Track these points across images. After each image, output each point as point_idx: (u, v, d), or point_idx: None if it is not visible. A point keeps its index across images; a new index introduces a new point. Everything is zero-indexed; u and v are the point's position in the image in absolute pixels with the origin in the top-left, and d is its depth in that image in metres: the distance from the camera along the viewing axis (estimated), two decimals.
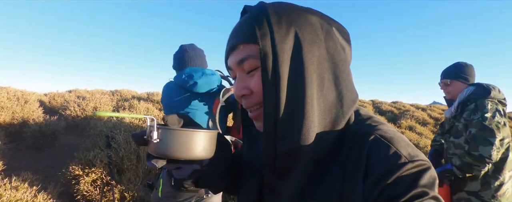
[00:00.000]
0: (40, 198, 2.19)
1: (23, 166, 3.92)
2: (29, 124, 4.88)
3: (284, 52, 0.43)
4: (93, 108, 6.23)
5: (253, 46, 0.45)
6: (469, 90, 1.75)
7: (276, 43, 0.43)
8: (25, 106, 5.61)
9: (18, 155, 4.43)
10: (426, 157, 0.42)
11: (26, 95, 6.33)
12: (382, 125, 0.47)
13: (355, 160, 0.42)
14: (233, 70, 0.51)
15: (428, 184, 0.38)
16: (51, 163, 4.29)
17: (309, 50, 0.44)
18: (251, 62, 0.47)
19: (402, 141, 0.43)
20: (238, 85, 0.50)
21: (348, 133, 0.46)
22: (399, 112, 11.36)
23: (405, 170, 0.39)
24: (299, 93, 0.43)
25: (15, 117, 5.19)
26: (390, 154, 0.40)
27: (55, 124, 5.09)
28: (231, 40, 0.49)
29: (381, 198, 0.38)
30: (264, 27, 0.44)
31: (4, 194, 2.05)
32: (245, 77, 0.49)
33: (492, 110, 1.63)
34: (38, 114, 5.61)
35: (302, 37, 0.44)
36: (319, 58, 0.44)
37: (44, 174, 3.56)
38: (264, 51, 0.43)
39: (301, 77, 0.43)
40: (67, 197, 2.88)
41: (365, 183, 0.40)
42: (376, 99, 15.60)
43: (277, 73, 0.43)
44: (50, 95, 8.38)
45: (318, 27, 0.46)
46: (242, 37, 0.47)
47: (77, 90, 9.80)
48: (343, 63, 0.47)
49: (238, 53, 0.48)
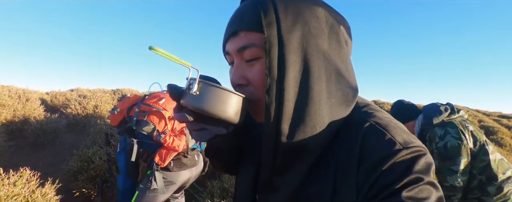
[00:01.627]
0: (37, 193, 2.19)
1: (24, 163, 3.93)
2: (30, 122, 4.91)
3: (291, 43, 0.41)
4: (93, 106, 6.25)
5: (256, 35, 0.43)
6: (419, 121, 1.76)
7: (283, 33, 0.41)
8: (27, 104, 5.64)
9: (19, 153, 4.45)
10: (421, 143, 0.41)
11: (27, 94, 6.37)
12: (378, 112, 0.46)
13: (349, 147, 0.41)
14: (230, 55, 0.49)
15: (423, 169, 0.37)
16: (51, 160, 4.31)
17: (315, 42, 0.43)
18: (252, 51, 0.45)
19: (398, 127, 0.42)
20: (236, 74, 0.47)
21: (345, 120, 0.45)
22: None
23: (399, 157, 0.38)
24: (307, 87, 0.42)
25: (16, 114, 5.21)
26: (384, 141, 0.39)
27: (56, 122, 5.11)
28: (233, 26, 0.46)
29: (376, 186, 0.37)
30: (270, 15, 0.42)
31: (1, 189, 2.06)
32: (244, 66, 0.47)
33: (443, 136, 1.61)
34: (40, 112, 5.63)
35: (309, 29, 0.42)
36: (324, 51, 0.43)
37: (44, 170, 3.57)
38: (269, 41, 0.41)
39: (308, 71, 0.42)
40: (65, 193, 2.88)
41: (359, 170, 0.39)
42: (378, 99, 15.54)
43: (283, 64, 0.41)
44: (52, 94, 8.42)
45: (323, 20, 0.44)
46: (245, 24, 0.44)
47: (79, 89, 9.84)
48: (346, 58, 0.46)
49: (239, 40, 0.45)
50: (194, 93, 0.44)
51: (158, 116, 1.83)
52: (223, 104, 0.44)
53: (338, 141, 0.44)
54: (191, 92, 0.44)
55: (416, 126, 1.77)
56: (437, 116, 1.67)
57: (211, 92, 0.44)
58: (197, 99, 0.44)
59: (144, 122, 1.81)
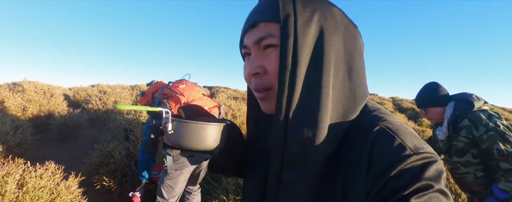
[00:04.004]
0: (62, 186, 2.30)
1: (49, 156, 4.14)
2: (55, 117, 5.14)
3: (306, 36, 0.43)
4: (113, 101, 6.46)
5: (275, 25, 0.45)
6: (451, 107, 1.69)
7: (299, 26, 0.43)
8: (51, 99, 5.91)
9: (44, 146, 4.68)
10: (433, 150, 0.40)
11: (52, 90, 6.65)
12: (388, 116, 0.45)
13: (359, 151, 0.41)
14: (248, 48, 0.50)
15: (434, 177, 0.36)
16: (74, 153, 4.50)
17: (329, 39, 0.44)
18: (270, 41, 0.46)
19: (408, 132, 0.41)
20: (253, 63, 0.48)
21: (354, 124, 0.45)
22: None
23: (409, 162, 0.37)
24: (317, 80, 0.43)
25: (42, 109, 5.47)
26: (394, 146, 0.39)
27: (78, 117, 5.32)
28: (252, 17, 0.48)
29: (385, 191, 0.37)
30: (289, 7, 0.44)
31: (29, 182, 2.17)
32: (261, 55, 0.48)
33: (489, 117, 1.57)
34: (63, 107, 5.89)
35: (325, 25, 0.44)
36: (336, 49, 0.44)
37: (67, 163, 3.74)
38: (286, 31, 0.43)
39: (320, 64, 0.43)
40: (87, 186, 3.01)
41: (368, 173, 0.39)
42: (396, 96, 15.13)
43: (296, 55, 0.43)
44: (74, 90, 8.77)
45: (339, 19, 0.46)
46: (264, 15, 0.46)
47: (99, 85, 10.18)
48: (358, 58, 0.47)
49: (258, 31, 0.47)
50: (170, 132, 0.48)
51: (175, 100, 1.97)
52: (198, 136, 0.47)
53: (347, 144, 0.43)
54: (167, 131, 0.48)
55: (447, 112, 1.70)
56: (477, 101, 1.63)
57: (185, 128, 0.48)
58: (173, 137, 0.48)
59: (163, 104, 1.97)
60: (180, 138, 0.48)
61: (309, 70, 0.43)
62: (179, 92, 2.00)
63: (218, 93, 8.89)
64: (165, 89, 2.05)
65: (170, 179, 2.02)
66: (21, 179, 2.20)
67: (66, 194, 2.28)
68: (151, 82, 2.23)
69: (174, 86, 2.05)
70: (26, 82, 6.67)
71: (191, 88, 2.06)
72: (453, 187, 3.31)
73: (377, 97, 14.71)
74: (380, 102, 11.66)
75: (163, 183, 2.03)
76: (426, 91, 1.79)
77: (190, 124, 0.47)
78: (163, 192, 2.03)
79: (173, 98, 1.98)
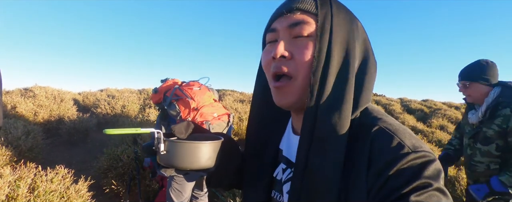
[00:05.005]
0: (72, 190, 2.34)
1: (59, 160, 4.21)
2: (65, 121, 5.23)
3: (339, 35, 0.47)
4: (121, 106, 6.55)
5: (311, 16, 0.47)
6: (496, 92, 1.57)
7: (334, 24, 0.47)
8: (61, 104, 6.02)
9: (55, 150, 4.76)
10: (430, 149, 0.41)
11: (62, 95, 6.79)
12: (387, 118, 0.47)
13: (359, 150, 0.42)
14: (276, 32, 0.50)
15: (433, 175, 0.37)
16: (83, 157, 4.57)
17: (355, 44, 0.48)
18: (304, 29, 0.47)
19: (407, 132, 0.43)
20: (282, 46, 0.48)
21: (353, 125, 0.46)
22: (430, 110, 10.80)
23: (408, 161, 0.38)
24: (345, 77, 0.46)
25: (52, 114, 5.58)
26: (393, 144, 0.40)
27: (87, 121, 5.41)
28: (289, 3, 0.49)
29: (385, 189, 0.38)
30: (326, 6, 0.48)
31: (40, 186, 2.22)
32: (292, 41, 0.48)
33: None
34: (73, 112, 5.99)
35: (352, 31, 0.48)
36: (358, 55, 0.48)
37: (77, 167, 3.80)
38: (323, 26, 0.46)
39: (348, 63, 0.46)
40: (97, 189, 3.05)
41: (368, 172, 0.40)
42: (404, 97, 14.93)
43: (330, 52, 0.46)
44: (84, 94, 8.93)
45: (361, 31, 0.51)
46: (303, 3, 0.48)
47: (108, 89, 10.34)
48: (371, 66, 0.50)
49: (295, 17, 0.48)
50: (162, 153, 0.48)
51: (185, 104, 1.98)
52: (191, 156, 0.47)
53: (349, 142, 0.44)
54: (160, 151, 0.48)
55: (490, 95, 1.59)
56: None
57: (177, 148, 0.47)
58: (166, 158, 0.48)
59: (173, 105, 2.00)
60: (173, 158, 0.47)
61: (341, 67, 0.46)
62: (190, 96, 2.00)
63: (224, 96, 8.93)
64: (177, 90, 2.06)
65: (178, 184, 2.03)
66: (33, 183, 2.25)
67: (76, 198, 2.32)
68: (165, 80, 2.24)
69: (187, 89, 2.05)
70: (37, 88, 6.82)
71: (202, 93, 2.06)
72: (464, 189, 3.24)
73: (385, 98, 14.54)
74: (388, 103, 11.53)
75: (171, 187, 2.05)
76: (480, 65, 1.63)
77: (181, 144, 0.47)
78: (172, 196, 2.05)
79: (183, 102, 1.99)
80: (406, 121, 7.84)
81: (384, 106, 10.95)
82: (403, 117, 8.30)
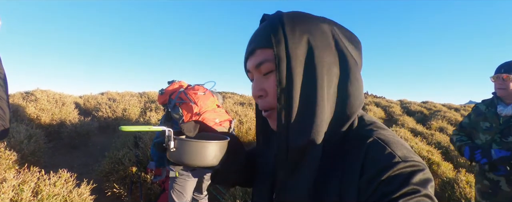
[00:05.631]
0: (74, 193, 2.37)
1: (61, 164, 4.24)
2: (66, 125, 5.26)
3: (297, 57, 0.48)
4: (122, 109, 6.58)
5: (269, 51, 0.50)
6: None
7: (290, 49, 0.48)
8: (63, 107, 6.06)
9: (57, 153, 4.79)
10: (421, 159, 0.44)
11: (63, 98, 6.83)
12: (382, 130, 0.49)
13: (354, 160, 0.45)
14: (251, 72, 0.56)
15: (421, 182, 0.40)
16: (85, 161, 4.60)
17: (320, 55, 0.48)
18: (267, 66, 0.51)
19: (399, 144, 0.45)
20: (256, 87, 0.54)
21: (351, 136, 0.49)
22: (430, 112, 10.81)
23: (398, 169, 0.41)
24: (311, 94, 0.47)
25: (54, 118, 5.62)
26: (385, 154, 0.43)
27: (88, 125, 5.44)
28: (250, 45, 0.54)
29: (375, 195, 0.40)
30: (279, 34, 0.48)
31: (44, 189, 2.25)
32: (262, 79, 0.54)
33: None
34: (74, 115, 6.02)
35: (314, 43, 0.48)
36: (329, 63, 0.48)
37: (79, 171, 3.82)
38: (278, 56, 0.48)
39: (313, 80, 0.47)
40: (99, 193, 3.08)
41: (361, 179, 0.43)
42: (404, 99, 14.94)
43: (290, 76, 0.48)
44: (85, 98, 8.96)
45: (329, 35, 0.50)
46: (259, 42, 0.52)
47: (108, 93, 10.37)
48: (351, 70, 0.50)
49: (256, 57, 0.53)
50: (172, 150, 0.51)
51: (188, 108, 2.00)
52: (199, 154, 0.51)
53: (343, 153, 0.48)
54: (170, 149, 0.51)
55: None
56: None
57: (186, 147, 0.51)
58: (176, 155, 0.51)
59: (177, 108, 2.03)
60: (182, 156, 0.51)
61: (304, 87, 0.48)
62: (193, 100, 2.02)
63: (225, 98, 8.96)
64: (181, 93, 2.09)
65: (180, 185, 2.07)
66: (36, 187, 2.28)
67: (78, 201, 2.35)
68: (172, 82, 2.27)
69: (191, 93, 2.08)
70: (38, 91, 6.86)
71: (206, 98, 2.08)
72: (462, 191, 3.26)
73: (385, 100, 14.56)
74: (388, 105, 11.54)
75: (173, 189, 2.09)
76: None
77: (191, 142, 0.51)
78: (174, 197, 2.09)
79: (186, 106, 2.02)
80: (405, 122, 7.85)
81: (384, 108, 10.96)
82: (403, 119, 8.31)
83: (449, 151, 5.19)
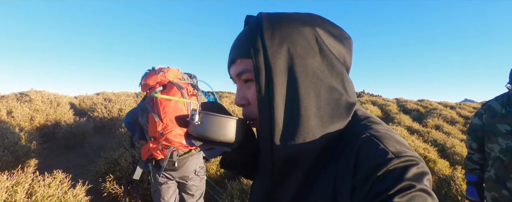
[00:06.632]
0: (69, 194, 2.34)
1: (56, 165, 4.19)
2: (61, 125, 5.20)
3: (277, 67, 0.46)
4: (118, 109, 6.52)
5: (249, 61, 0.49)
6: None
7: (270, 58, 0.46)
8: (58, 108, 5.99)
9: (51, 154, 4.74)
10: (416, 153, 0.42)
11: (58, 99, 6.75)
12: (376, 125, 0.48)
13: (347, 158, 0.44)
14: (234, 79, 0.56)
15: (415, 177, 0.38)
16: (80, 161, 4.55)
17: (302, 63, 0.46)
18: (247, 75, 0.51)
19: (392, 139, 0.44)
20: (238, 95, 0.54)
21: (347, 132, 0.48)
22: (425, 110, 10.89)
23: (391, 165, 0.39)
24: (295, 105, 0.46)
25: (48, 118, 5.56)
26: (377, 150, 0.42)
27: (84, 125, 5.39)
28: (231, 54, 0.54)
29: (370, 193, 0.39)
30: (258, 44, 0.47)
31: (38, 191, 2.22)
32: (244, 88, 0.54)
33: None
34: (69, 116, 5.96)
35: (295, 51, 0.46)
36: (313, 69, 0.47)
37: (74, 172, 3.79)
38: (257, 67, 0.47)
39: (296, 90, 0.46)
40: (94, 194, 3.05)
41: (354, 178, 0.42)
42: (400, 97, 15.04)
43: (270, 87, 0.46)
44: (80, 98, 8.88)
45: (311, 39, 0.47)
46: (239, 52, 0.51)
47: (104, 93, 10.30)
48: (339, 72, 0.49)
49: (236, 67, 0.52)
50: (196, 123, 0.52)
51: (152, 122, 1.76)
52: (221, 129, 0.52)
53: (337, 152, 0.46)
54: (194, 122, 0.52)
55: None
56: None
57: (210, 121, 0.52)
58: (199, 128, 0.52)
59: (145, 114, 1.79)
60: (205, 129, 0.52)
61: (288, 96, 0.46)
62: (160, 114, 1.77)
63: (221, 98, 8.93)
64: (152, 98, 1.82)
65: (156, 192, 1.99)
66: (30, 188, 2.25)
67: None
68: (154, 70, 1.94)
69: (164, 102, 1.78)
70: (33, 92, 6.78)
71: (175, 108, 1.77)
72: (459, 188, 3.28)
73: (381, 98, 14.63)
74: (384, 103, 11.60)
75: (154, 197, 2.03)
76: None
77: (215, 117, 0.52)
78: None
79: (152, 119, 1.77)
80: (402, 121, 7.89)
81: (381, 106, 11.02)
82: (399, 117, 8.36)
83: (445, 148, 5.23)
